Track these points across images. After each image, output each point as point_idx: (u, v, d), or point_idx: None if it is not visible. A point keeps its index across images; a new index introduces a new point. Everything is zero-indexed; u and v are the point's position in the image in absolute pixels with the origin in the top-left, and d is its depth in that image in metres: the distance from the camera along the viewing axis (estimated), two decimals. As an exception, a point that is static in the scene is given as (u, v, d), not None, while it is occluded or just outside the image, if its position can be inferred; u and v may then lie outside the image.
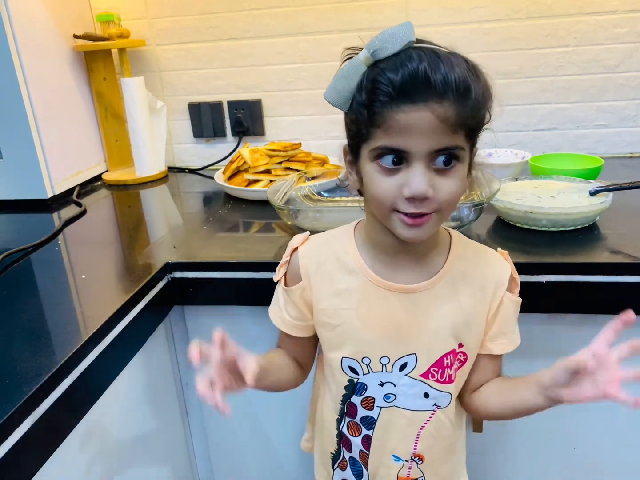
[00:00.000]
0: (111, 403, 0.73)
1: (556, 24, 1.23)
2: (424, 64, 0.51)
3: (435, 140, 0.52)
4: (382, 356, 0.64)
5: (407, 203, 0.54)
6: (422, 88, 0.51)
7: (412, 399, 0.65)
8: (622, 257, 0.76)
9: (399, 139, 0.52)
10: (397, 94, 0.51)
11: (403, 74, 0.51)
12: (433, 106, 0.51)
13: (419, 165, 0.53)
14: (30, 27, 1.17)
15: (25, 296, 0.78)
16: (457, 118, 0.52)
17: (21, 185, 1.21)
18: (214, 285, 0.85)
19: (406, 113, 0.51)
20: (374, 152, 0.55)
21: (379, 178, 0.55)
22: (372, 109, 0.53)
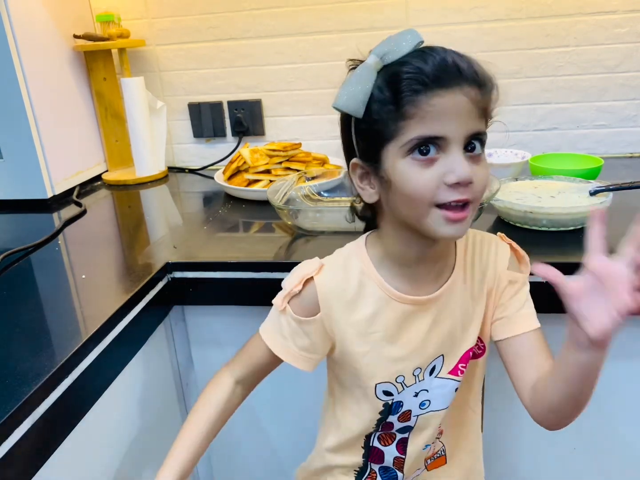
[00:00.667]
0: (111, 403, 0.73)
1: (556, 24, 1.23)
2: (452, 57, 0.52)
3: (469, 124, 0.52)
4: (414, 369, 0.64)
5: (450, 191, 0.52)
6: (454, 73, 0.51)
7: (446, 397, 0.66)
8: (622, 257, 0.76)
9: (435, 125, 0.51)
10: (431, 81, 0.51)
11: (433, 62, 0.51)
12: (466, 89, 0.52)
13: (458, 151, 0.52)
14: (30, 27, 1.17)
15: (25, 296, 0.78)
16: (484, 103, 0.53)
17: (21, 185, 1.21)
18: (214, 285, 0.85)
19: (442, 97, 0.51)
20: (407, 145, 0.52)
21: (416, 172, 0.53)
22: (403, 101, 0.51)
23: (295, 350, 0.64)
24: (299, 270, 0.64)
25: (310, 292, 0.63)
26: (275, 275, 0.82)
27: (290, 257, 0.85)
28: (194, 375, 0.95)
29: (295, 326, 0.64)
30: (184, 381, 0.96)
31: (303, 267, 0.64)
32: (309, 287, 0.63)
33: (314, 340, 0.64)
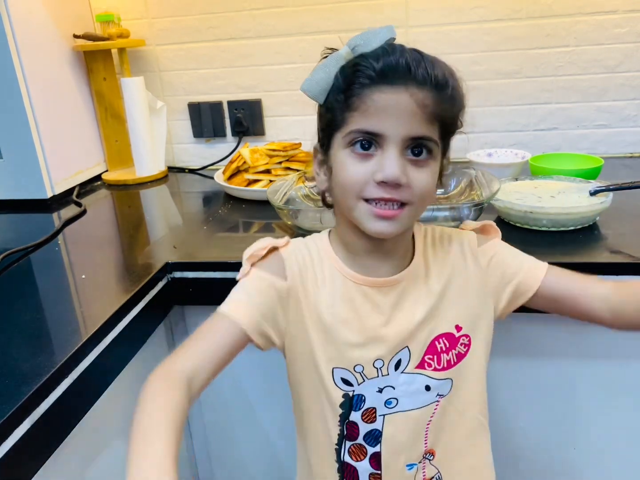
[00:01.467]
0: (111, 403, 0.73)
1: (556, 24, 1.23)
2: (406, 57, 0.52)
3: (411, 126, 0.52)
4: (375, 359, 0.61)
5: (377, 188, 0.53)
6: (402, 73, 0.52)
7: (415, 397, 0.62)
8: (622, 257, 0.76)
9: (375, 121, 0.52)
10: (378, 76, 0.52)
11: (385, 61, 0.52)
12: (412, 90, 0.51)
13: (393, 151, 0.53)
14: (30, 27, 1.16)
15: (25, 296, 0.78)
16: (435, 107, 0.52)
17: (21, 185, 1.21)
18: (214, 285, 0.84)
19: (384, 94, 0.51)
20: (348, 137, 0.54)
21: (350, 163, 0.54)
22: (351, 92, 0.53)
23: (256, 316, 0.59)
24: (263, 240, 0.64)
25: (276, 262, 0.62)
26: (275, 275, 0.82)
27: (290, 257, 0.85)
28: (194, 375, 0.95)
29: (259, 285, 0.61)
30: (184, 381, 0.96)
31: (267, 239, 0.64)
32: (275, 257, 0.62)
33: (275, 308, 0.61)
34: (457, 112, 0.56)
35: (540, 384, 0.86)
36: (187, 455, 1.00)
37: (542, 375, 0.85)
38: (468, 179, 0.98)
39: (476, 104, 1.31)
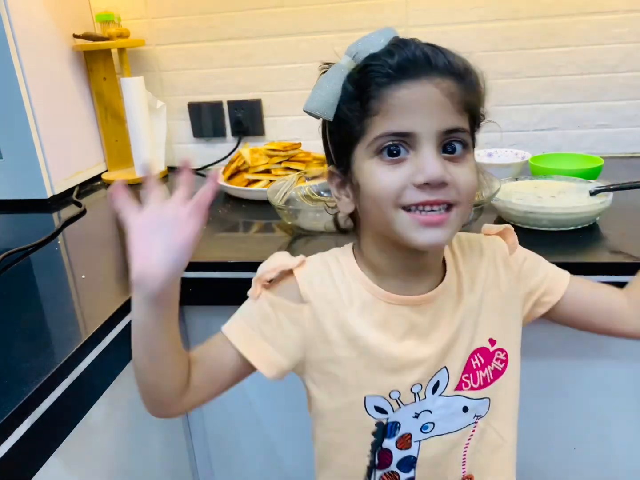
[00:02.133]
0: (111, 403, 0.73)
1: (556, 23, 1.23)
2: (421, 48, 0.48)
3: (442, 118, 0.47)
4: (413, 384, 0.55)
5: (418, 192, 0.47)
6: (422, 64, 0.47)
7: (452, 419, 0.57)
8: (622, 257, 0.76)
9: (403, 120, 0.47)
10: (397, 72, 0.47)
11: (400, 54, 0.47)
12: (436, 80, 0.47)
13: (430, 148, 0.47)
14: (30, 27, 1.16)
15: (25, 296, 0.77)
16: (462, 95, 0.48)
17: (21, 185, 1.21)
18: (214, 285, 0.84)
19: (409, 89, 0.47)
20: (373, 145, 0.48)
21: (381, 172, 0.48)
22: (367, 96, 0.48)
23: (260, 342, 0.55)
24: (273, 260, 0.58)
25: (289, 287, 0.56)
26: (275, 275, 0.82)
27: (291, 257, 0.85)
28: (194, 375, 0.95)
29: (269, 310, 0.56)
30: (184, 381, 0.96)
31: (280, 257, 0.58)
32: (289, 281, 0.56)
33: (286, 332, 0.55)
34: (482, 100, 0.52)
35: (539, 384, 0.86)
36: (187, 455, 1.00)
37: (542, 376, 0.85)
38: (468, 179, 0.98)
39: (476, 104, 1.31)
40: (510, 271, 0.60)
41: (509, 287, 0.59)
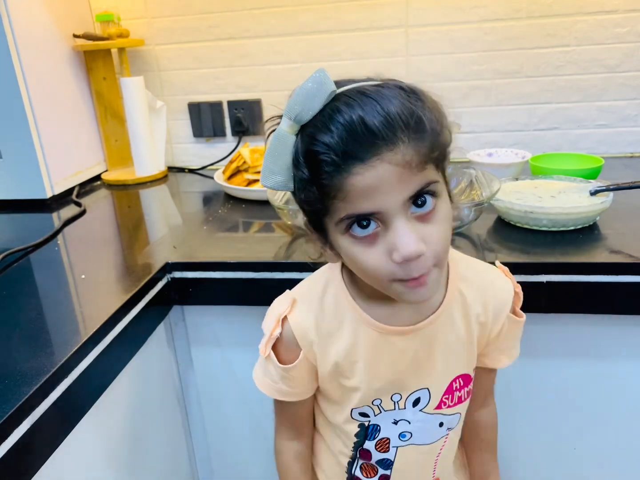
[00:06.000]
0: (111, 403, 0.73)
1: (556, 23, 1.23)
2: (357, 112, 0.43)
3: (405, 187, 0.44)
4: (393, 394, 0.60)
5: (402, 267, 0.46)
6: (366, 140, 0.43)
7: (429, 433, 0.63)
8: (622, 257, 0.76)
9: (363, 204, 0.45)
10: (342, 159, 0.43)
11: (339, 133, 0.43)
12: (388, 156, 0.43)
13: (399, 221, 0.45)
14: (30, 27, 1.16)
15: (25, 296, 0.77)
16: (419, 157, 0.44)
17: (21, 185, 1.21)
18: (214, 285, 0.84)
19: (361, 175, 0.43)
20: (341, 224, 0.47)
21: (360, 252, 0.47)
22: (320, 183, 0.45)
23: (287, 390, 0.62)
24: (273, 311, 0.60)
25: (287, 333, 0.59)
26: (275, 275, 0.82)
27: (290, 257, 0.85)
28: (194, 375, 0.95)
29: (282, 372, 0.61)
30: (184, 381, 0.96)
31: (276, 306, 0.60)
32: (286, 327, 0.59)
33: (302, 379, 0.61)
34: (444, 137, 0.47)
35: (539, 385, 0.86)
36: (187, 455, 1.00)
37: (541, 376, 0.85)
38: (468, 179, 0.98)
39: (476, 104, 1.31)
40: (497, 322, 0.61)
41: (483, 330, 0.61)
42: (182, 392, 0.96)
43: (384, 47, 1.29)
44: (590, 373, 0.84)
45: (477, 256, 0.79)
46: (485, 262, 0.64)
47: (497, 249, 0.84)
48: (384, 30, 1.28)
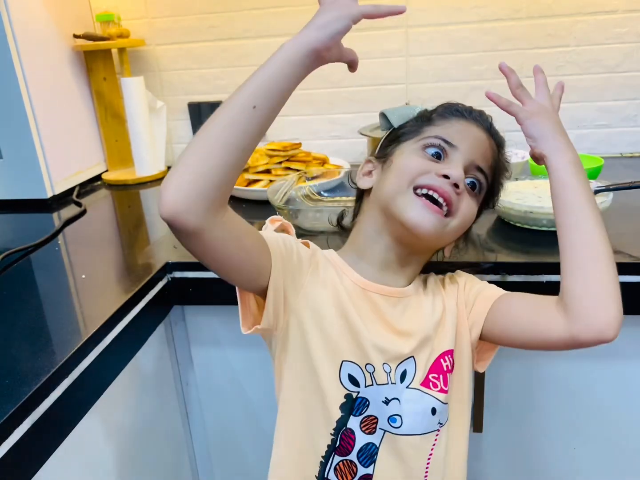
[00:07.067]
0: (111, 403, 0.73)
1: (556, 23, 1.23)
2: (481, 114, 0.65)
3: (479, 155, 0.60)
4: (384, 362, 0.57)
5: (437, 178, 0.57)
6: (481, 118, 0.63)
7: (420, 419, 0.58)
8: (622, 257, 0.76)
9: (453, 134, 0.60)
10: (461, 112, 0.62)
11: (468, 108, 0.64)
12: (488, 134, 0.62)
13: (460, 162, 0.59)
14: (30, 27, 1.16)
15: (25, 296, 0.78)
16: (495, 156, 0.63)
17: (21, 185, 1.21)
18: (214, 285, 0.84)
19: (470, 125, 0.61)
20: (423, 141, 0.60)
21: (416, 156, 0.59)
22: (436, 114, 0.62)
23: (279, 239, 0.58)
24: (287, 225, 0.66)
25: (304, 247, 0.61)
26: (275, 275, 0.82)
27: (290, 257, 0.85)
28: (194, 375, 0.95)
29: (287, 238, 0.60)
30: (184, 381, 0.96)
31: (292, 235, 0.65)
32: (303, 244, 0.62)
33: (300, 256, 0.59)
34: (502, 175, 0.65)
35: (539, 384, 0.86)
36: (187, 455, 1.00)
37: (541, 376, 0.85)
38: (468, 179, 0.98)
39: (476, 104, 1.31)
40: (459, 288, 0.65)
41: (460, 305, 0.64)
42: (182, 392, 0.96)
43: (384, 47, 1.29)
44: (590, 373, 0.84)
45: (477, 256, 0.80)
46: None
47: (497, 249, 0.84)
48: (384, 30, 1.28)
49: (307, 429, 0.59)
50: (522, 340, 0.59)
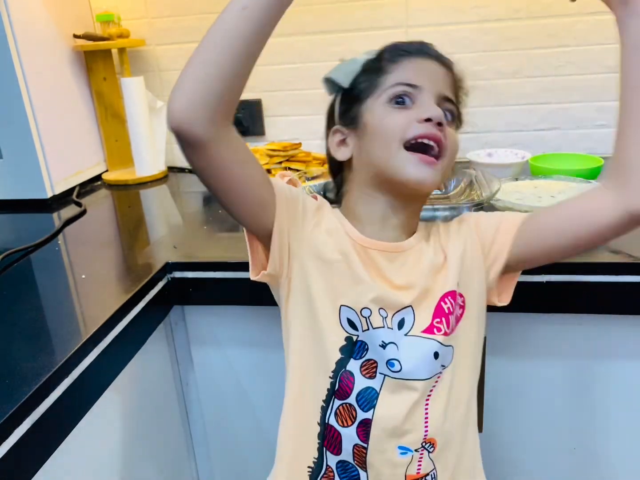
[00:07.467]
0: (111, 403, 0.73)
1: (556, 23, 1.23)
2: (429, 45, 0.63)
3: (443, 86, 0.60)
4: (380, 308, 0.57)
5: (422, 125, 0.56)
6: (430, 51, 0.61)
7: (422, 364, 0.57)
8: (622, 257, 0.76)
9: (413, 76, 0.58)
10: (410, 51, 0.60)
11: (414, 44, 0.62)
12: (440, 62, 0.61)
13: (431, 99, 0.58)
14: (30, 27, 1.16)
15: (25, 296, 0.78)
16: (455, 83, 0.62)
17: (21, 185, 1.21)
18: (214, 285, 0.84)
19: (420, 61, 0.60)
20: (385, 93, 0.58)
21: (391, 113, 0.58)
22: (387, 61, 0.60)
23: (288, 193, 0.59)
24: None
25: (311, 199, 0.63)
26: (275, 275, 0.82)
27: (290, 257, 0.85)
28: (194, 375, 0.95)
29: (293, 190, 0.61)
30: (184, 381, 0.96)
31: None
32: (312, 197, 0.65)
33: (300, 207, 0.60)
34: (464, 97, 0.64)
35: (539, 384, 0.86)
36: (187, 455, 1.00)
37: (541, 375, 0.85)
38: (468, 179, 0.98)
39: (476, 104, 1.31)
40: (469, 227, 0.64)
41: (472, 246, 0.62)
42: (182, 392, 0.96)
43: (384, 47, 1.29)
44: (590, 373, 0.84)
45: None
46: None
47: (497, 249, 0.84)
48: (384, 30, 1.28)
49: (310, 375, 0.60)
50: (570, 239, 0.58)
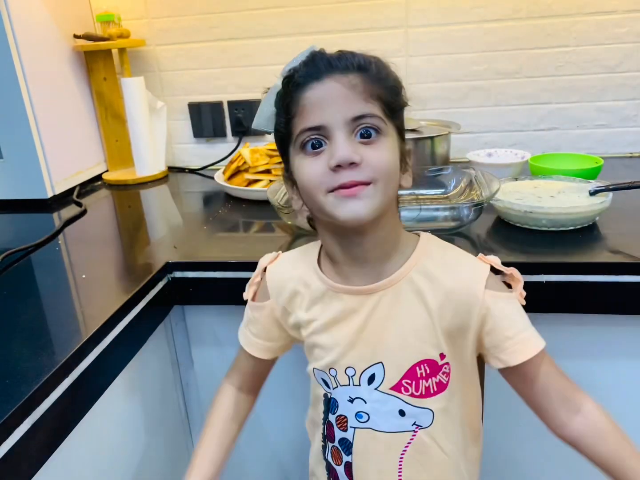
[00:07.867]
0: (111, 403, 0.73)
1: (556, 24, 1.23)
2: (326, 56, 0.56)
3: (348, 107, 0.53)
4: (347, 367, 0.60)
5: (336, 175, 0.52)
6: (324, 68, 0.54)
7: (387, 418, 0.60)
8: (622, 257, 0.76)
9: (313, 116, 0.53)
10: (304, 77, 0.55)
11: (305, 63, 0.57)
12: (337, 77, 0.53)
13: (340, 136, 0.53)
14: (30, 27, 1.17)
15: (25, 296, 0.78)
16: (365, 86, 0.54)
17: (21, 185, 1.21)
18: (214, 285, 0.85)
19: (314, 89, 0.54)
20: (297, 142, 0.55)
21: (306, 164, 0.55)
22: (288, 101, 0.56)
23: (250, 337, 0.69)
24: (260, 261, 0.68)
25: (264, 281, 0.67)
26: (275, 275, 0.82)
27: (290, 257, 0.85)
28: (194, 375, 0.95)
29: (250, 313, 0.68)
30: (184, 381, 0.96)
31: (263, 258, 0.68)
32: (263, 280, 0.67)
33: (265, 326, 0.67)
34: (392, 89, 0.56)
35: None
36: (187, 455, 1.00)
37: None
38: (468, 179, 0.98)
39: (476, 104, 1.31)
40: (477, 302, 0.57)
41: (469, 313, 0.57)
42: (182, 392, 0.96)
43: (384, 47, 1.29)
44: (590, 373, 0.84)
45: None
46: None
47: (496, 249, 0.84)
48: (384, 30, 1.28)
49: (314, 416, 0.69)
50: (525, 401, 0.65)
